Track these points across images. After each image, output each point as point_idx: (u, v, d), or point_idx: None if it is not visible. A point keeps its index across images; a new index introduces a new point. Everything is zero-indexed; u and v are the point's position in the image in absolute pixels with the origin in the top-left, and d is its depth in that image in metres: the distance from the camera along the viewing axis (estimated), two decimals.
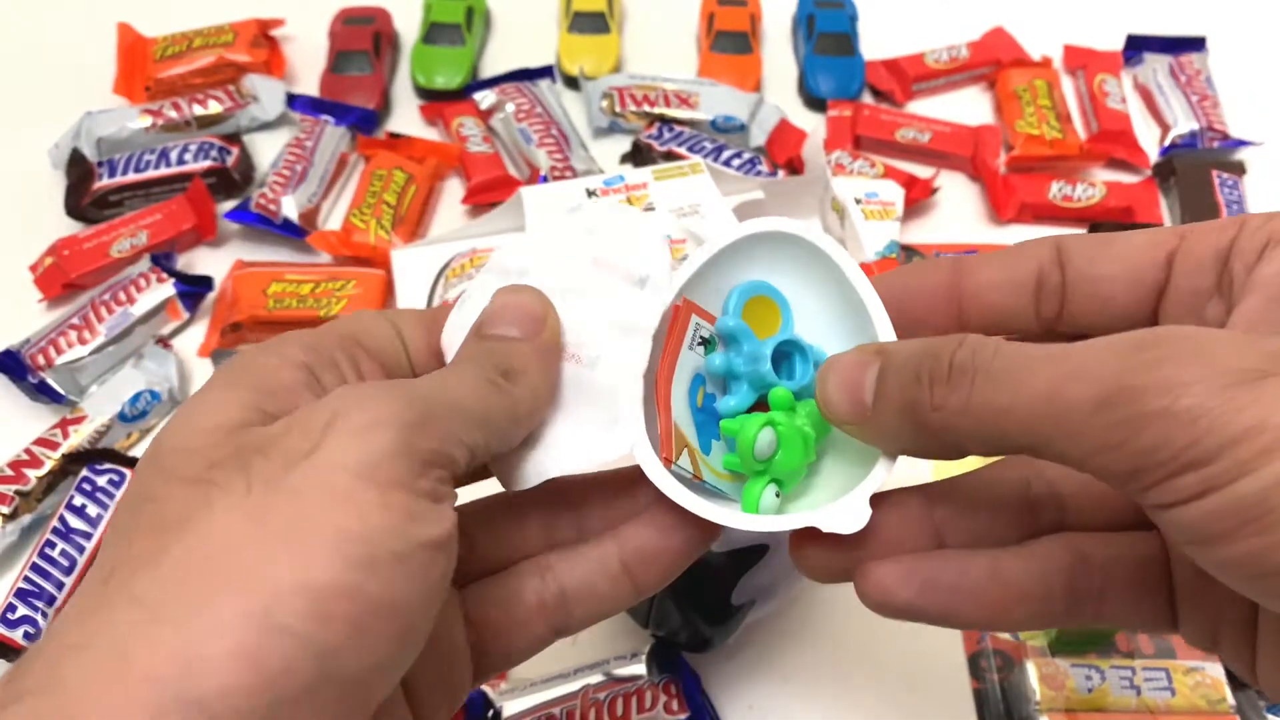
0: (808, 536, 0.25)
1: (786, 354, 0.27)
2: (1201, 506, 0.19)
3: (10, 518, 0.48)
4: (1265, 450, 0.19)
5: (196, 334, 0.58)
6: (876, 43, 0.74)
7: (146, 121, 0.67)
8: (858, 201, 0.59)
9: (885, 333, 0.26)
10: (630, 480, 0.26)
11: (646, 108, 0.68)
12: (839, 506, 0.24)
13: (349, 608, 0.18)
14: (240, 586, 0.18)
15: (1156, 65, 0.72)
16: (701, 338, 0.27)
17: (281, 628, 0.17)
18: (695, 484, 0.26)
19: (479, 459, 0.23)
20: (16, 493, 0.49)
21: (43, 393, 0.54)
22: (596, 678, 0.41)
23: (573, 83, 0.72)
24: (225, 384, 0.22)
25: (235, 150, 0.65)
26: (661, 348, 0.26)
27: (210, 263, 0.62)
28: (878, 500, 0.25)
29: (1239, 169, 0.65)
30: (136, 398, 0.53)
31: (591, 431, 0.26)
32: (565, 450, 0.26)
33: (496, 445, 0.24)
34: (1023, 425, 0.21)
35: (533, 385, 0.25)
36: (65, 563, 0.46)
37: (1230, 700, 0.42)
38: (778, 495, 0.26)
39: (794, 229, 0.27)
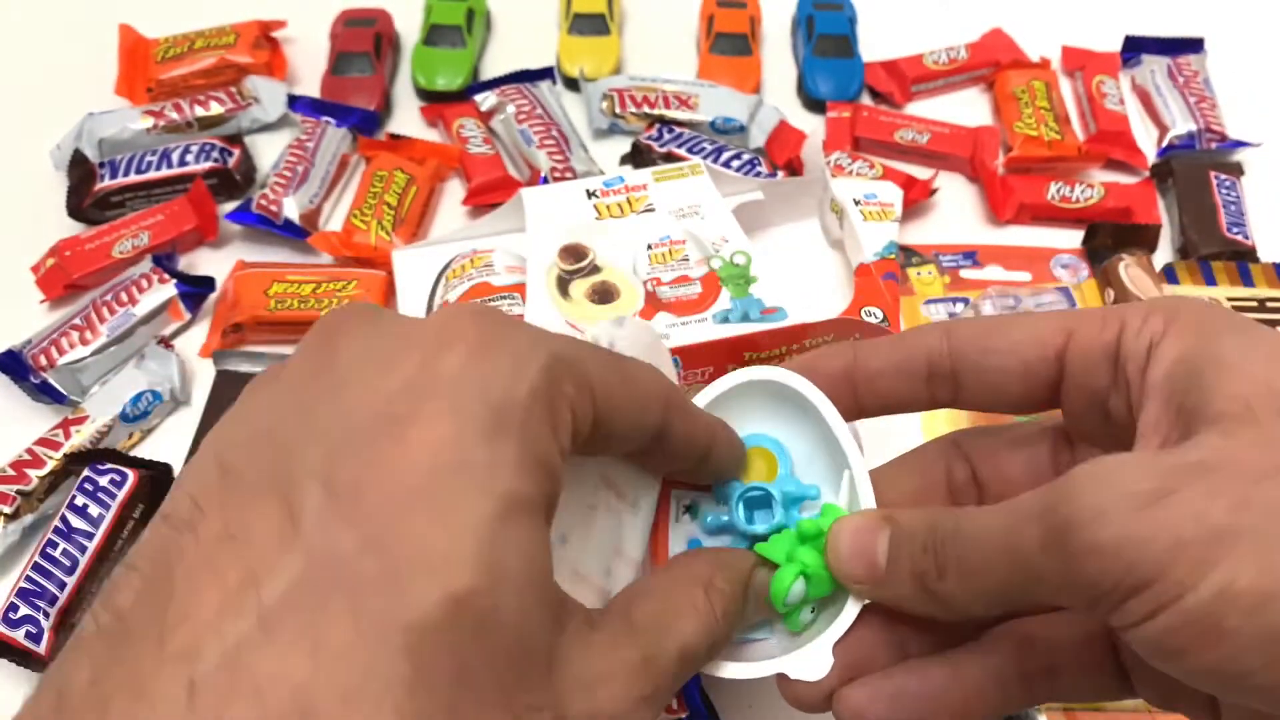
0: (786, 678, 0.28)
1: (759, 499, 0.29)
2: (1156, 625, 0.20)
3: (12, 518, 0.48)
4: (1197, 564, 0.20)
5: (198, 334, 0.59)
6: (875, 44, 0.74)
7: (148, 123, 0.67)
8: (856, 202, 0.59)
9: (857, 468, 0.28)
10: None
11: (646, 109, 0.68)
12: (804, 654, 0.27)
13: None
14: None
15: (1154, 67, 0.72)
16: (685, 506, 0.30)
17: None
18: None
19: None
20: (18, 493, 0.49)
21: (44, 393, 0.54)
22: None
23: (573, 84, 0.72)
24: (539, 517, 0.20)
25: (236, 151, 0.65)
26: (650, 531, 0.29)
27: (212, 263, 0.62)
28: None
29: (1237, 170, 0.65)
30: (138, 398, 0.53)
31: None
32: None
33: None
34: (1000, 580, 0.24)
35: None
36: (67, 563, 0.47)
37: None
38: (813, 612, 0.28)
39: (763, 375, 0.29)
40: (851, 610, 0.27)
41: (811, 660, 0.27)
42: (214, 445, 0.21)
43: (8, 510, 0.48)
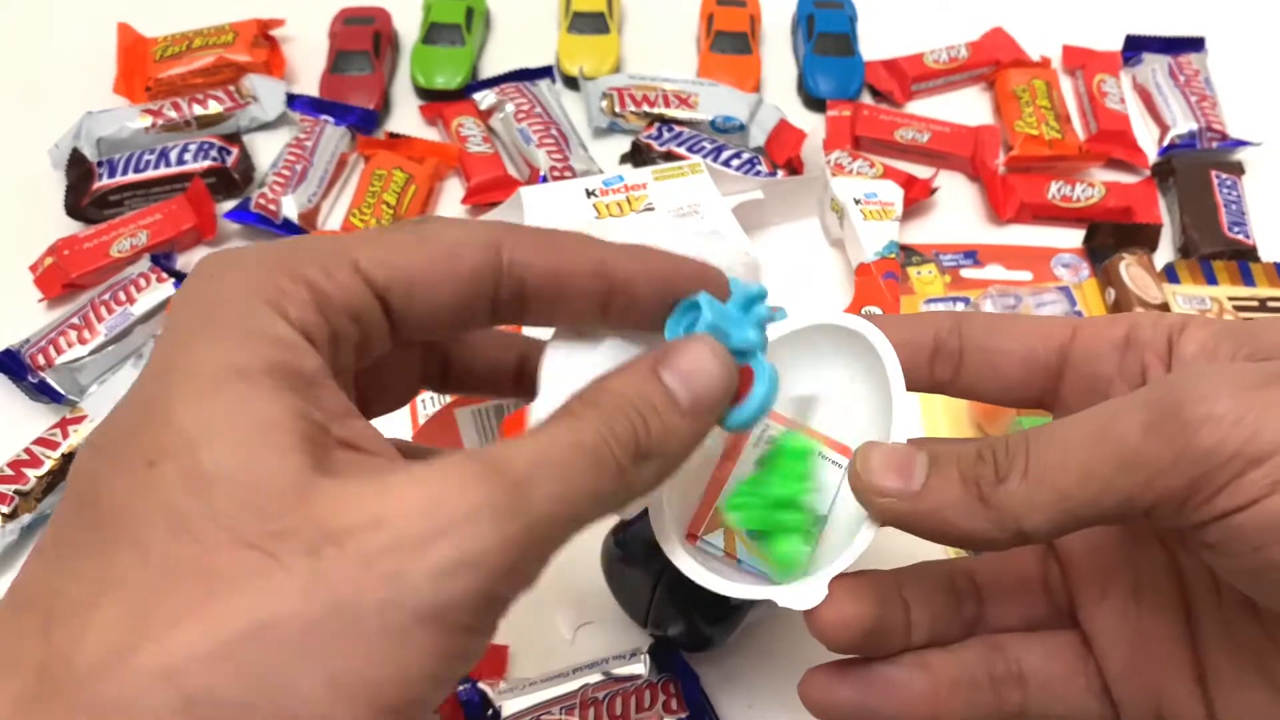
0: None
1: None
2: (1265, 510, 0.20)
3: (10, 517, 0.48)
4: None
5: None
6: (876, 43, 0.74)
7: (146, 121, 0.67)
8: (857, 201, 0.59)
9: (900, 425, 0.27)
10: None
11: (646, 108, 0.68)
12: (799, 587, 0.26)
13: None
14: (276, 683, 0.17)
15: (1155, 65, 0.72)
16: (771, 439, 0.29)
17: None
18: (725, 559, 0.28)
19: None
20: (16, 492, 0.49)
21: (43, 392, 0.54)
22: (596, 677, 0.41)
23: (572, 83, 0.72)
24: (252, 376, 0.19)
25: (235, 150, 0.65)
26: (725, 441, 0.28)
27: None
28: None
29: (1238, 169, 0.65)
30: None
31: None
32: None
33: (598, 518, 0.22)
34: (1082, 474, 0.22)
35: (665, 469, 0.23)
36: None
37: None
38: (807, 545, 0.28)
39: (850, 324, 0.29)
40: (858, 546, 0.26)
41: (806, 591, 0.26)
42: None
43: (5, 510, 0.48)
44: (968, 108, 0.72)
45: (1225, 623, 0.25)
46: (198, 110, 0.67)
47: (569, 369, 0.25)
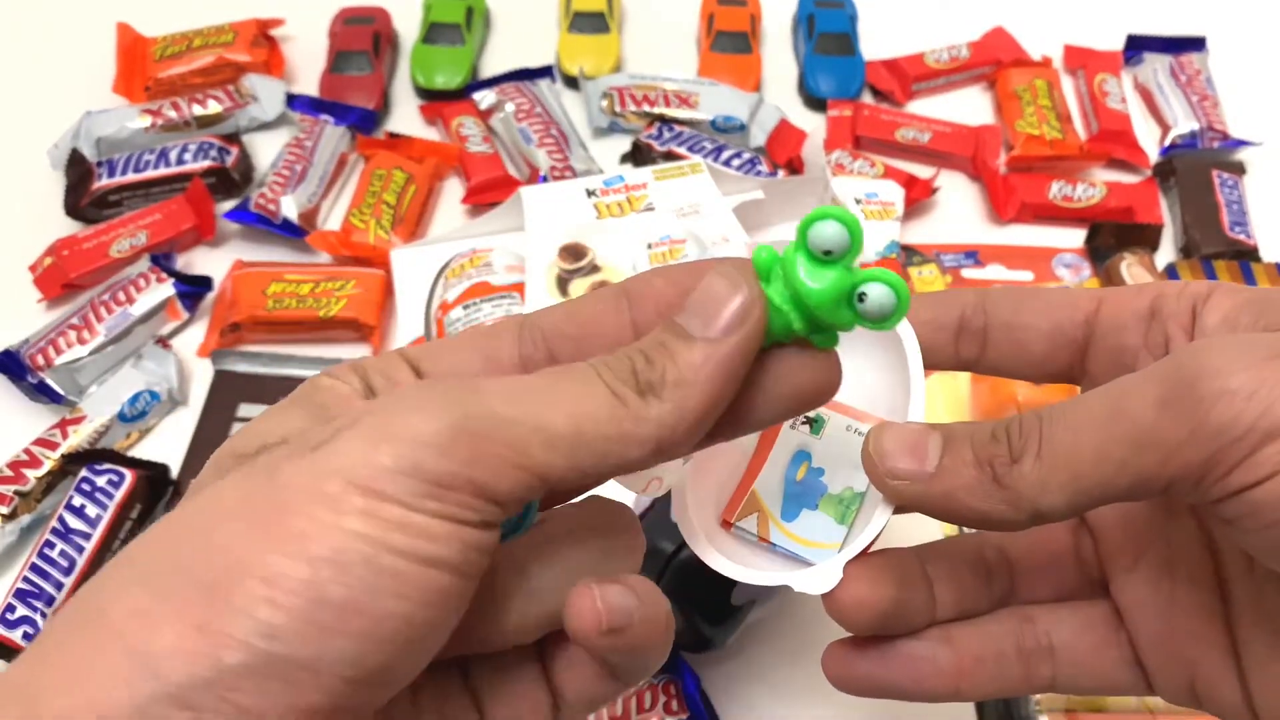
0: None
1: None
2: None
3: (9, 518, 0.48)
4: None
5: (196, 334, 0.58)
6: (876, 43, 0.74)
7: (146, 121, 0.66)
8: (858, 201, 0.59)
9: (916, 407, 0.27)
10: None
11: (646, 108, 0.68)
12: (815, 571, 0.26)
13: (297, 601, 0.18)
14: (202, 560, 0.18)
15: (1157, 65, 0.72)
16: (807, 418, 0.29)
17: (229, 603, 0.18)
18: (761, 544, 0.28)
19: (574, 482, 0.20)
20: (16, 493, 0.49)
21: (42, 393, 0.53)
22: None
23: (572, 83, 0.72)
24: (286, 402, 0.22)
25: (235, 150, 0.65)
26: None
27: (210, 263, 0.61)
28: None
29: (1239, 169, 0.65)
30: (136, 398, 0.53)
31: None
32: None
33: (609, 470, 0.21)
34: (1096, 454, 0.22)
35: (687, 401, 0.20)
36: (64, 563, 0.46)
37: None
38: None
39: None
40: (874, 528, 0.26)
41: (821, 575, 0.26)
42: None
43: (5, 510, 0.48)
44: (969, 107, 0.71)
45: (1258, 595, 0.25)
46: (197, 110, 0.67)
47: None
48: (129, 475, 0.49)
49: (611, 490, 0.24)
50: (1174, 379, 0.21)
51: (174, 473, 0.51)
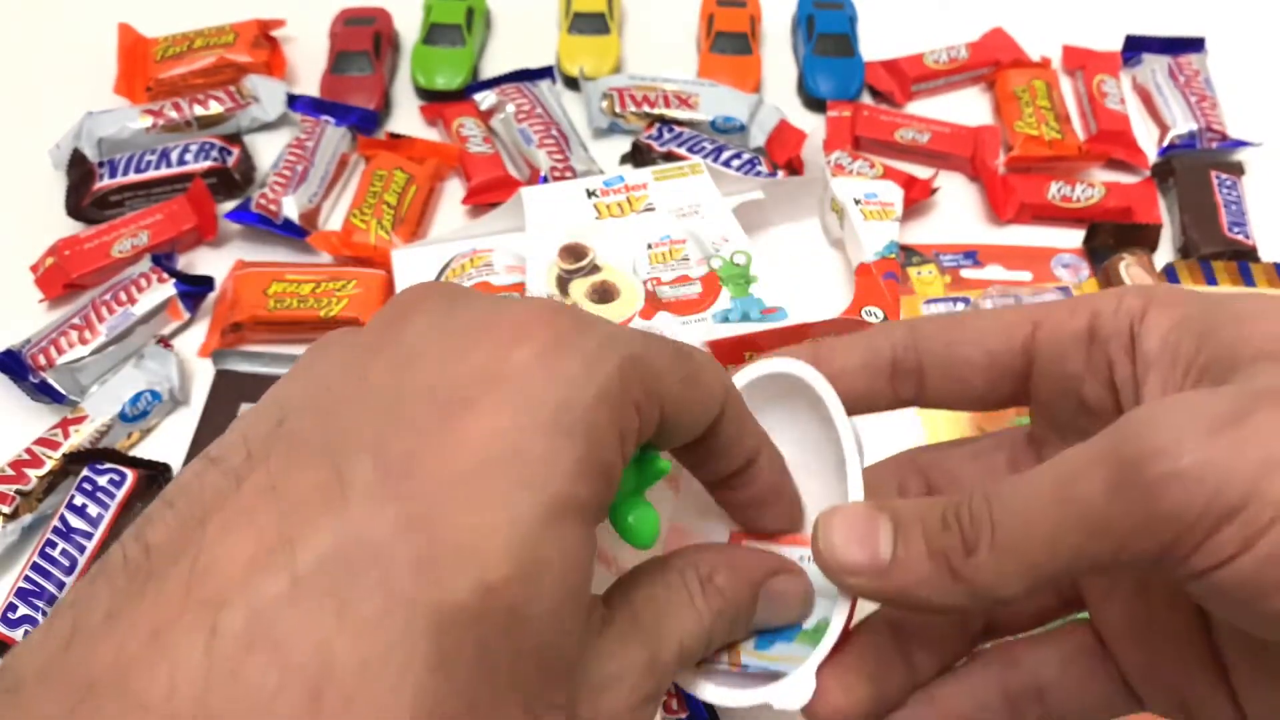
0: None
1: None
2: (1254, 556, 0.19)
3: (11, 517, 0.48)
4: None
5: (197, 334, 0.59)
6: (876, 44, 0.74)
7: (147, 122, 0.67)
8: (857, 202, 0.59)
9: (855, 481, 0.26)
10: None
11: (646, 108, 0.68)
12: (788, 683, 0.25)
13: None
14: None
15: (1155, 66, 0.72)
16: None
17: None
18: (734, 673, 0.27)
19: None
20: (17, 492, 0.49)
21: (43, 392, 0.54)
22: None
23: (573, 83, 0.72)
24: (584, 516, 0.20)
25: (236, 151, 0.65)
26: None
27: (211, 263, 0.62)
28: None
29: (1238, 169, 0.65)
30: (137, 398, 0.53)
31: None
32: None
33: None
34: (1050, 543, 0.21)
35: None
36: (66, 563, 0.46)
37: None
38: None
39: (782, 368, 0.27)
40: (835, 626, 0.25)
41: (795, 687, 0.25)
42: (276, 397, 0.21)
43: (7, 510, 0.48)
44: (968, 108, 0.72)
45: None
46: (198, 111, 0.67)
47: None
48: (130, 475, 0.49)
49: None
50: (1121, 460, 0.20)
51: (175, 472, 0.52)
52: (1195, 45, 0.73)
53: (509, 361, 0.20)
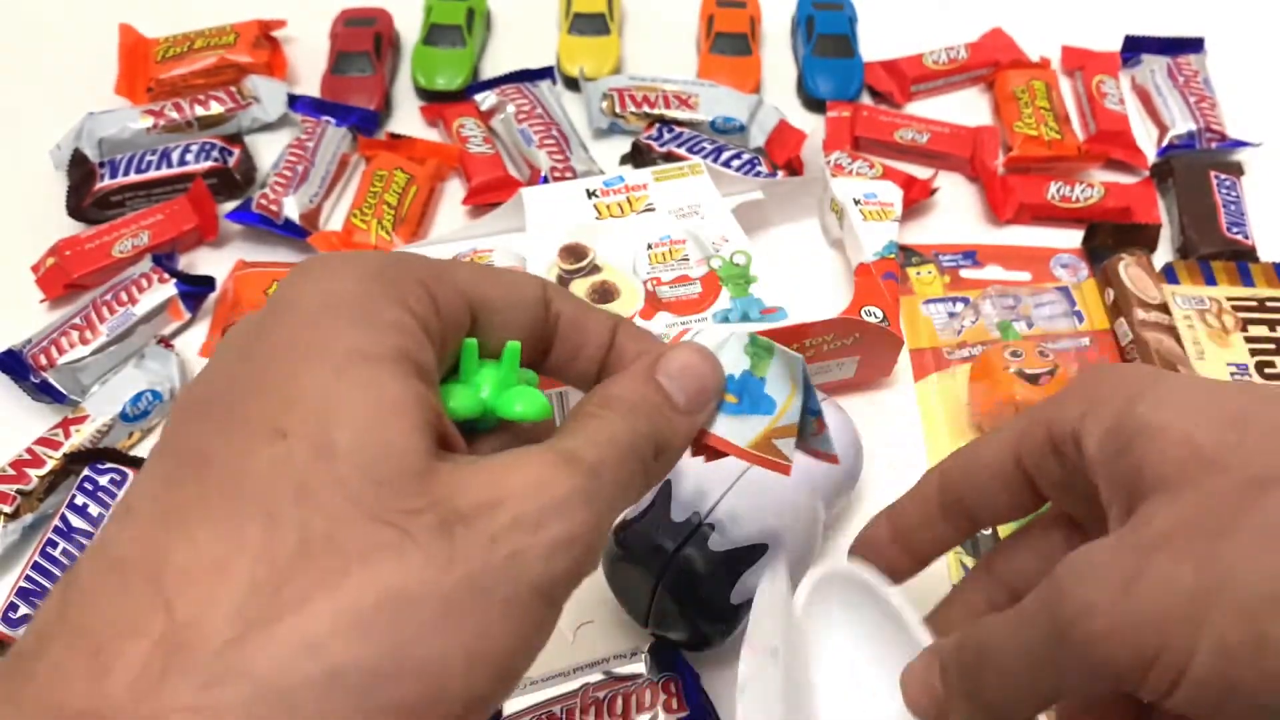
0: None
1: None
2: (1184, 693, 0.22)
3: (12, 517, 0.48)
4: (1188, 627, 0.22)
5: (198, 334, 0.59)
6: (875, 44, 0.74)
7: (148, 122, 0.67)
8: (856, 202, 0.59)
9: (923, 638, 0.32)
10: None
11: (646, 109, 0.68)
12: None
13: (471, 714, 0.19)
14: (419, 653, 0.18)
15: (1154, 66, 0.72)
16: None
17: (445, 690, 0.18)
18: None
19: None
20: (18, 492, 0.49)
21: (44, 392, 0.54)
22: (596, 676, 0.41)
23: (573, 84, 0.72)
24: (380, 359, 0.20)
25: (237, 151, 0.65)
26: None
27: (212, 263, 0.62)
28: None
29: (1237, 170, 0.65)
30: (138, 398, 0.53)
31: None
32: None
33: None
34: (1032, 685, 0.25)
35: (669, 465, 0.25)
36: (67, 562, 0.47)
37: None
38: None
39: (859, 575, 0.33)
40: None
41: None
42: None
43: (8, 510, 0.48)
44: (967, 109, 0.72)
45: None
46: (199, 111, 0.67)
47: None
48: (131, 475, 0.49)
49: None
50: (1052, 623, 0.24)
51: None
52: (1194, 46, 0.73)
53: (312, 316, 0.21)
